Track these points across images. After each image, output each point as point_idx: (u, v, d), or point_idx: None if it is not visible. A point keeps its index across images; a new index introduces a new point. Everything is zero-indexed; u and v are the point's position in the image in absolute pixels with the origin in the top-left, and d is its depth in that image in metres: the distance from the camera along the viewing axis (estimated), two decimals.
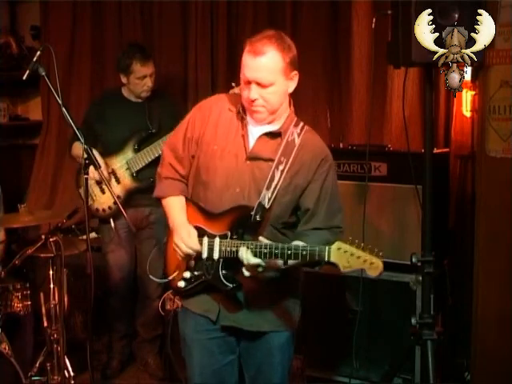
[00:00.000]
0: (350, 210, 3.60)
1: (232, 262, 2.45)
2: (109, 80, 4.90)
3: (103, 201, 3.94)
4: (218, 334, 2.63)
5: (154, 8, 4.72)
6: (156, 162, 3.41)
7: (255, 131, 2.54)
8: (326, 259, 2.30)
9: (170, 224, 2.63)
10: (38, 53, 3.03)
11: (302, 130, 2.56)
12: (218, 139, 2.56)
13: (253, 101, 2.44)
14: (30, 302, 3.56)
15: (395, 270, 3.55)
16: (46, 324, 3.63)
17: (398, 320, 3.51)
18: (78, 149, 3.88)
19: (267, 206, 2.46)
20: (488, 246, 3.21)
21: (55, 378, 3.56)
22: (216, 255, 2.49)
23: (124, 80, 3.95)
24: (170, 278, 2.63)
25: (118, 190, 3.91)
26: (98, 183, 3.88)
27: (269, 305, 2.59)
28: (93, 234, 4.35)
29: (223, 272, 2.48)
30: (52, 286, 3.56)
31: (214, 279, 2.50)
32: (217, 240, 2.49)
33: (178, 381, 3.66)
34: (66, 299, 3.63)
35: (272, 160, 2.49)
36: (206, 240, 2.52)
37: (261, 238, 2.41)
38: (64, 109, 3.01)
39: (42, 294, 3.66)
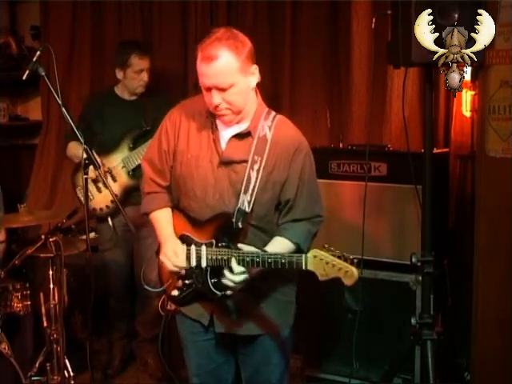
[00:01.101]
0: (350, 210, 3.63)
1: (220, 270, 2.44)
2: (109, 79, 4.88)
3: (100, 200, 3.94)
4: (213, 335, 2.64)
5: (154, 7, 4.72)
6: None
7: (226, 134, 2.51)
8: (304, 267, 2.31)
9: (158, 238, 2.63)
10: (38, 53, 3.03)
11: (272, 122, 2.50)
12: (191, 147, 2.53)
13: (217, 106, 2.41)
14: (29, 302, 3.56)
15: (395, 269, 3.55)
16: (45, 324, 3.63)
17: (398, 320, 3.51)
18: (74, 148, 3.92)
19: (248, 209, 2.44)
20: (488, 246, 3.21)
21: (55, 378, 3.56)
22: (204, 263, 2.47)
23: (120, 75, 3.97)
24: (164, 286, 2.64)
25: (114, 188, 3.90)
26: (95, 182, 3.89)
27: (262, 307, 2.59)
28: (92, 234, 4.35)
29: (212, 281, 2.48)
30: (52, 286, 3.56)
31: (203, 287, 2.50)
32: (203, 248, 2.48)
33: (177, 381, 3.66)
34: (65, 299, 3.63)
35: (246, 161, 2.46)
36: (193, 248, 2.50)
37: (240, 246, 2.41)
38: (64, 109, 3.02)
39: (41, 294, 3.66)
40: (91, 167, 3.11)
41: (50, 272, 3.56)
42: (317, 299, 3.72)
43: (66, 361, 3.59)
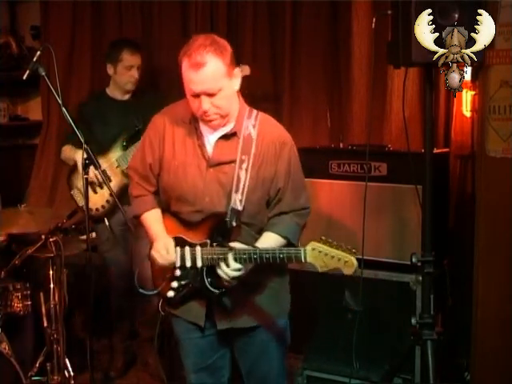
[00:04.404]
0: (349, 210, 3.62)
1: (215, 269, 2.48)
2: (109, 80, 4.89)
3: (95, 200, 3.95)
4: (210, 332, 2.67)
5: (154, 8, 4.72)
6: None
7: (211, 138, 2.55)
8: (303, 260, 2.36)
9: (150, 238, 2.66)
10: (38, 53, 3.02)
11: (256, 121, 2.56)
12: (177, 155, 2.57)
13: (205, 111, 2.44)
14: (29, 302, 3.57)
15: (395, 269, 3.55)
16: (45, 324, 3.63)
17: (398, 320, 3.51)
18: (68, 151, 3.97)
19: (240, 208, 2.48)
20: (488, 246, 3.20)
21: (55, 378, 3.56)
22: (199, 263, 2.52)
23: (111, 71, 4.03)
24: (159, 289, 2.65)
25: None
26: (90, 184, 3.88)
27: (256, 297, 2.61)
28: (93, 234, 4.35)
29: (208, 280, 2.52)
30: (52, 286, 3.56)
31: (200, 286, 2.54)
32: (198, 249, 2.52)
33: (178, 381, 3.66)
34: (66, 299, 3.63)
35: (234, 161, 2.51)
36: (187, 249, 2.54)
37: (233, 245, 2.44)
38: (64, 109, 3.02)
39: (41, 294, 3.67)
40: (91, 168, 3.12)
41: (50, 272, 3.56)
42: (317, 299, 3.72)
43: (67, 361, 3.59)
